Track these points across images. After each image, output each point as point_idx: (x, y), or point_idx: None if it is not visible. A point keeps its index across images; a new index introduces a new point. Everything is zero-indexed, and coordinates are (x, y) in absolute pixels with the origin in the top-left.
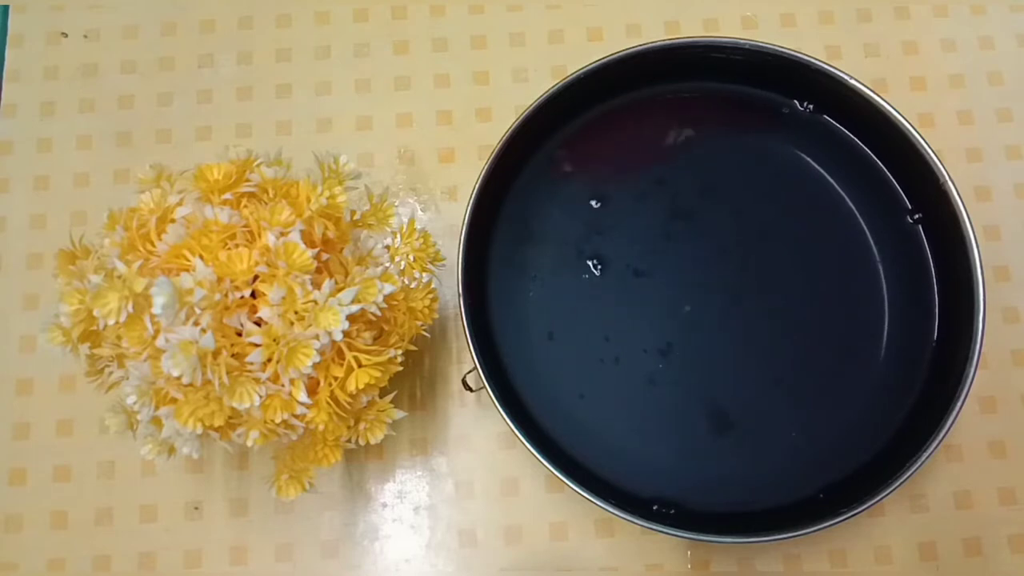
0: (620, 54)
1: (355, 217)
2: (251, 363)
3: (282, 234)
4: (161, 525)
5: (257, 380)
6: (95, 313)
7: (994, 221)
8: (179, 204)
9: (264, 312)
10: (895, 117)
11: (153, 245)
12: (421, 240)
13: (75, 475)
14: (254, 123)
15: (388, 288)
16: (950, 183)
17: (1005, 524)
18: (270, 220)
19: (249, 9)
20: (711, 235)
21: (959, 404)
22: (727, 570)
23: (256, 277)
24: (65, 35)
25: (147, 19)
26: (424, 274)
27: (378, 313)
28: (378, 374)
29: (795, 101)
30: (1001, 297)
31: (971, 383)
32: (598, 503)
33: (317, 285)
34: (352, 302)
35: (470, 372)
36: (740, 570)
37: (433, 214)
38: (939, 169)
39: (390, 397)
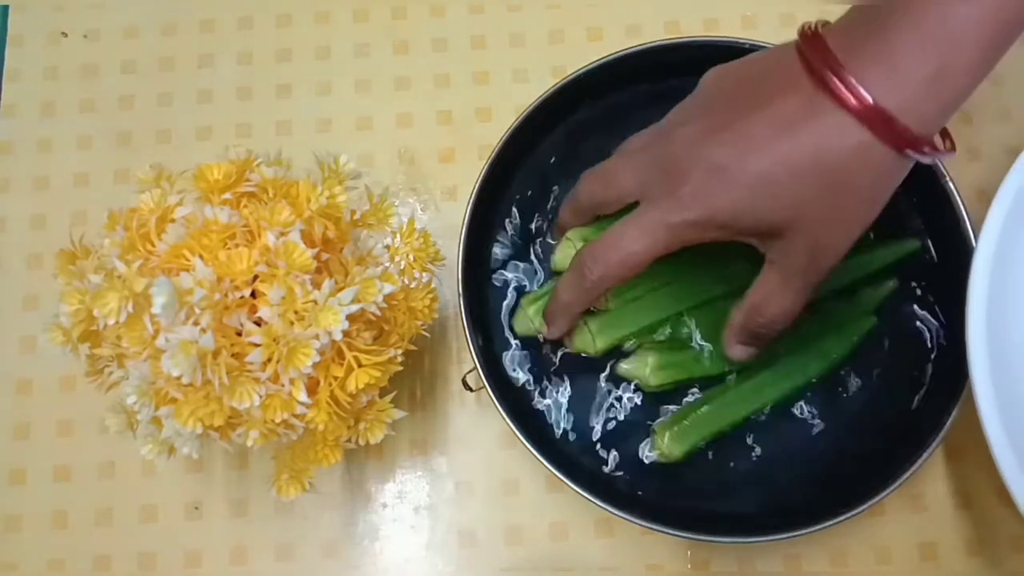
0: (620, 54)
1: (355, 217)
2: (251, 363)
3: (282, 234)
4: (161, 525)
5: (257, 380)
6: (95, 313)
7: None
8: (179, 204)
9: (264, 312)
10: None
11: (153, 245)
12: (421, 240)
13: (75, 475)
14: (254, 123)
15: (388, 288)
16: (951, 183)
17: (1005, 524)
18: (270, 220)
19: (249, 9)
20: None
21: (959, 404)
22: (727, 570)
23: (256, 277)
24: (65, 35)
25: (147, 19)
26: (424, 274)
27: (378, 313)
28: (378, 374)
29: None
30: None
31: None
32: (598, 503)
33: (317, 285)
34: (352, 302)
35: (470, 372)
36: (740, 570)
37: (433, 214)
38: (939, 169)
39: (390, 397)
